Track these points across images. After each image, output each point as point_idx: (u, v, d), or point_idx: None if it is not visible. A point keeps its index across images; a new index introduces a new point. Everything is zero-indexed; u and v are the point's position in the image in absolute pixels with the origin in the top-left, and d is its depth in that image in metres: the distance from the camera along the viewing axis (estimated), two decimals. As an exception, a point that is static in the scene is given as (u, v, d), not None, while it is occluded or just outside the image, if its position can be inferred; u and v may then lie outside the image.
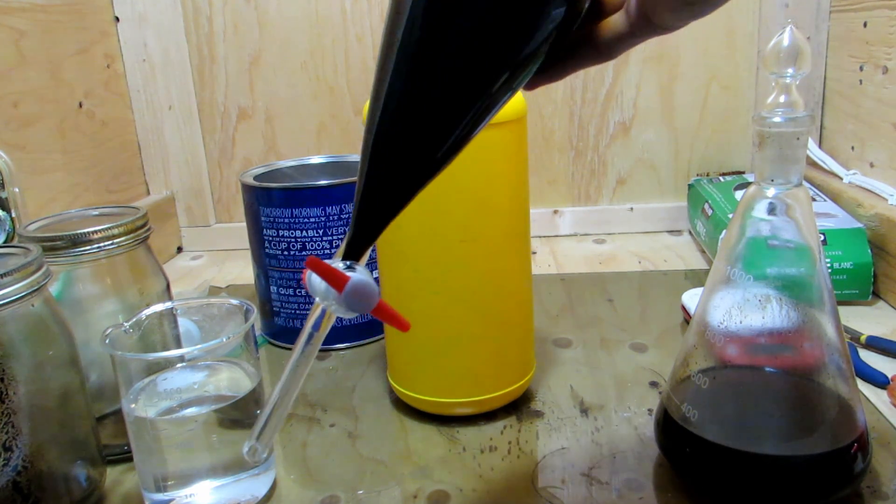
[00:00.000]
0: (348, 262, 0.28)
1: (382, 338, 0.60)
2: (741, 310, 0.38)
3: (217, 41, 0.88)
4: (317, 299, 0.28)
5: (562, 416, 0.49)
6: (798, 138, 0.36)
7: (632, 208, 0.91)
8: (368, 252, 0.29)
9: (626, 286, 0.72)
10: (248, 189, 0.61)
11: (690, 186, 0.87)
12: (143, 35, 0.87)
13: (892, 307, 0.63)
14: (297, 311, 0.61)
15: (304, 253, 0.59)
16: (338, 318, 0.30)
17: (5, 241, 0.51)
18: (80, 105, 0.78)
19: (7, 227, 0.51)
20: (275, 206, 0.59)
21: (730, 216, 0.70)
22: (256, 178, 0.63)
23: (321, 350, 0.61)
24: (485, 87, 0.26)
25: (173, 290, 0.51)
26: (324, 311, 0.29)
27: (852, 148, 0.76)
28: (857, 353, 0.54)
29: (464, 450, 0.46)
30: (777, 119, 0.36)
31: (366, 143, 0.27)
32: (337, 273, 0.27)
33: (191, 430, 0.39)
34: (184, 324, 0.45)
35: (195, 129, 0.91)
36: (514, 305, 0.48)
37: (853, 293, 0.63)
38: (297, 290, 0.60)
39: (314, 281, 0.28)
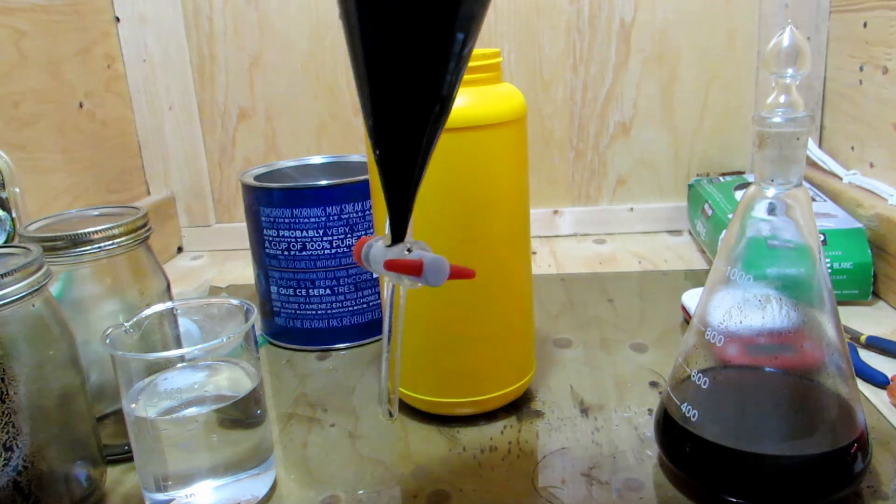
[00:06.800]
0: (407, 246, 0.32)
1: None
2: (741, 310, 0.38)
3: (217, 41, 0.88)
4: (387, 278, 0.33)
5: (562, 416, 0.49)
6: (798, 138, 0.36)
7: (632, 208, 0.91)
8: (411, 224, 0.32)
9: (626, 286, 0.72)
10: (248, 189, 0.61)
11: (690, 186, 0.87)
12: (144, 35, 0.87)
13: (892, 307, 0.63)
14: (298, 311, 0.61)
15: (304, 253, 0.59)
16: (338, 319, 0.32)
17: (6, 242, 0.51)
18: (81, 105, 0.78)
19: (7, 228, 0.51)
20: (275, 206, 0.59)
21: (730, 216, 0.70)
22: (256, 178, 0.63)
23: (321, 350, 0.61)
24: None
25: (174, 290, 0.51)
26: (394, 286, 0.33)
27: (852, 148, 0.76)
28: (857, 353, 0.54)
29: (464, 450, 0.46)
30: (777, 119, 0.36)
31: (367, 122, 0.29)
32: (411, 264, 0.31)
33: (191, 430, 0.39)
34: (184, 324, 0.45)
35: (195, 129, 0.91)
36: (514, 305, 0.48)
37: (853, 293, 0.63)
38: (297, 290, 0.60)
39: (375, 265, 0.32)
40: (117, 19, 0.86)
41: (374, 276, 0.61)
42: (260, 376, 0.42)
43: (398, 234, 0.32)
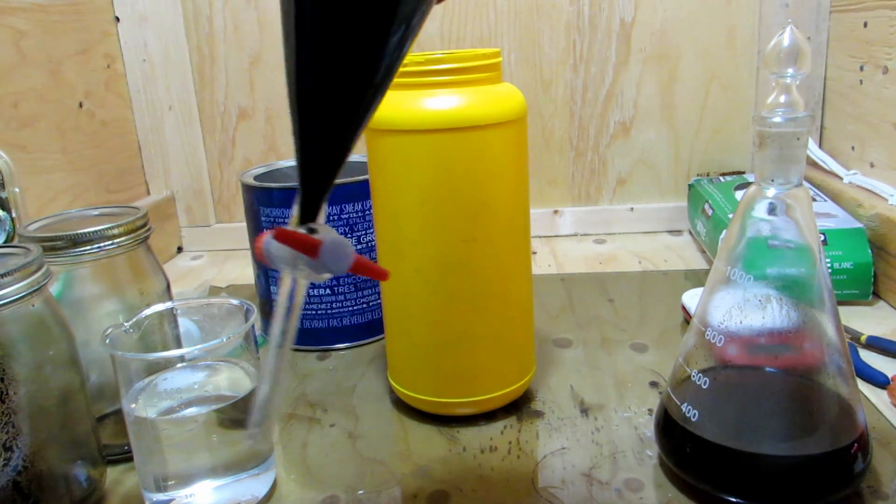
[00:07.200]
0: (310, 226, 0.27)
1: (382, 338, 0.60)
2: (741, 310, 0.38)
3: (217, 41, 0.88)
4: (283, 271, 0.27)
5: (562, 416, 0.49)
6: (798, 138, 0.36)
7: (632, 208, 0.91)
8: (324, 210, 0.28)
9: (626, 286, 0.72)
10: (248, 189, 0.61)
11: (690, 186, 0.87)
12: (144, 35, 0.87)
13: (892, 307, 0.63)
14: (298, 311, 0.61)
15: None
16: (338, 319, 0.30)
17: (6, 241, 0.51)
18: (81, 105, 0.78)
19: (7, 227, 0.51)
20: (275, 206, 0.59)
21: (730, 216, 0.70)
22: (256, 178, 0.63)
23: (321, 350, 0.61)
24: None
25: (173, 290, 0.51)
26: (294, 281, 0.28)
27: (852, 148, 0.76)
28: (857, 353, 0.54)
29: (464, 450, 0.46)
30: (777, 119, 0.36)
31: (290, 91, 0.26)
32: (308, 240, 0.26)
33: (191, 430, 0.39)
34: (184, 324, 0.45)
35: (195, 129, 0.91)
36: (514, 305, 0.48)
37: (853, 293, 0.63)
38: (298, 290, 0.60)
39: (274, 251, 0.27)
40: (117, 19, 0.86)
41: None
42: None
43: (308, 216, 0.28)
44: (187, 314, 0.45)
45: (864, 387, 0.50)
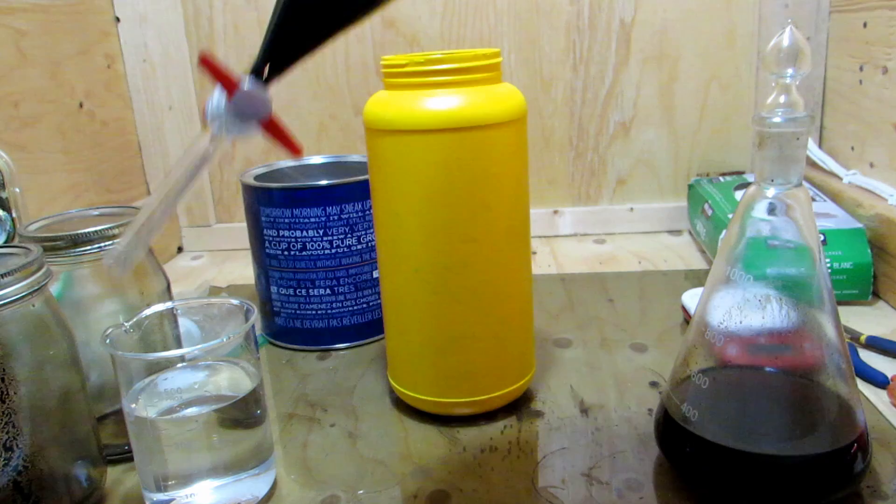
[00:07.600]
0: (251, 77, 0.27)
1: (382, 338, 0.60)
2: (741, 310, 0.38)
3: (217, 41, 0.88)
4: (208, 120, 0.28)
5: (562, 416, 0.49)
6: (798, 138, 0.36)
7: (632, 208, 0.91)
8: (273, 82, 0.28)
9: (626, 286, 0.72)
10: (248, 189, 0.61)
11: (690, 186, 0.87)
12: (144, 35, 0.87)
13: (892, 307, 0.63)
14: (298, 311, 0.61)
15: (304, 253, 0.59)
16: (338, 319, 0.30)
17: (6, 241, 0.51)
18: (81, 105, 0.78)
19: (8, 227, 0.51)
20: (275, 206, 0.59)
21: (730, 216, 0.70)
22: (256, 178, 0.63)
23: (321, 350, 0.61)
24: None
25: (174, 290, 0.51)
26: (215, 136, 0.28)
27: (852, 148, 0.76)
28: (857, 353, 0.54)
29: (464, 450, 0.46)
30: (777, 119, 0.36)
31: None
32: (229, 75, 0.26)
33: (191, 430, 0.39)
34: (184, 324, 0.45)
35: (195, 129, 0.91)
36: (514, 305, 0.48)
37: (853, 293, 0.63)
38: (298, 290, 0.60)
39: (214, 101, 0.28)
40: (117, 19, 0.86)
41: (375, 275, 0.61)
42: (260, 376, 0.42)
43: (257, 73, 0.26)
44: (187, 314, 0.45)
45: (863, 387, 0.50)
